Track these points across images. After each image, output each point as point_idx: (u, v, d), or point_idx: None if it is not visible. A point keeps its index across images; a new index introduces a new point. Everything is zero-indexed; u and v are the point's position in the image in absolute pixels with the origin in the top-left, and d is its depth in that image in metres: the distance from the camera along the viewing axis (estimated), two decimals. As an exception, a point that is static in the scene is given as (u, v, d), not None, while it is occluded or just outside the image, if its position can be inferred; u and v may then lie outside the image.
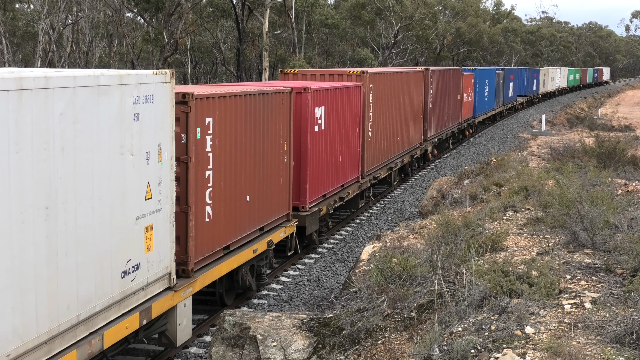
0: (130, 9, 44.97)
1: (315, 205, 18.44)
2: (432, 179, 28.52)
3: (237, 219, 13.83)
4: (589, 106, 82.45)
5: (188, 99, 11.64)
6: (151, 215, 10.37)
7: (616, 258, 9.72)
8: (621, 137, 28.81)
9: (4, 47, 41.12)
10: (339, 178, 20.49)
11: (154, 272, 10.57)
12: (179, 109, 11.50)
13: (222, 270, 13.15)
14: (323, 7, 60.12)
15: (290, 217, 16.72)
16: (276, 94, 15.52)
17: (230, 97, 13.30)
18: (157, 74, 10.34)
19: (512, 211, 14.15)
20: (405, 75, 28.37)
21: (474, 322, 7.82)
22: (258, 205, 14.76)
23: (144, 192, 10.19)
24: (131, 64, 51.64)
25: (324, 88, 18.70)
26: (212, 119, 12.55)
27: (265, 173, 15.08)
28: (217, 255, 13.16)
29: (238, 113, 13.63)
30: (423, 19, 64.48)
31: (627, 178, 17.80)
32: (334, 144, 19.79)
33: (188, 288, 11.67)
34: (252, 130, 14.32)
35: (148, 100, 10.12)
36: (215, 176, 12.75)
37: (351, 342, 8.93)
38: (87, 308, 9.02)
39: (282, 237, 16.11)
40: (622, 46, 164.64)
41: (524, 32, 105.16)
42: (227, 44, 58.41)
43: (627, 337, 7.06)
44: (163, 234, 10.77)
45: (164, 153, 10.64)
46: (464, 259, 10.02)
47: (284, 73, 22.80)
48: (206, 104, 12.36)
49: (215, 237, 12.94)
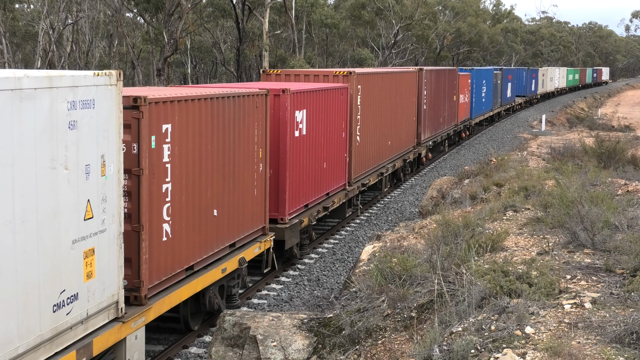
0: (130, 9, 44.98)
1: (295, 216, 17.23)
2: (429, 181, 28.53)
3: (202, 236, 12.54)
4: (589, 106, 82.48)
5: (140, 103, 10.42)
6: (92, 237, 9.11)
7: (616, 258, 9.73)
8: (621, 137, 28.83)
9: (4, 47, 41.12)
10: (323, 186, 19.25)
11: (96, 302, 9.29)
12: (130, 115, 10.33)
13: (183, 295, 11.91)
14: (323, 7, 60.12)
15: (266, 231, 15.46)
16: (249, 97, 14.25)
17: (193, 100, 11.97)
18: (99, 75, 9.13)
19: (512, 211, 14.16)
20: (397, 75, 27.24)
21: (474, 322, 7.82)
22: (228, 219, 13.52)
23: (83, 211, 8.91)
24: (131, 64, 51.67)
25: (306, 90, 17.51)
26: (171, 126, 11.28)
27: (236, 184, 13.85)
28: (177, 278, 11.90)
29: (203, 118, 12.34)
30: (423, 19, 64.51)
31: (627, 178, 17.81)
32: (317, 150, 18.57)
33: (140, 318, 10.41)
34: (221, 137, 13.03)
35: (88, 105, 8.89)
36: (174, 190, 11.49)
37: (351, 342, 8.93)
38: (6, 351, 7.72)
39: (257, 253, 14.94)
40: (622, 46, 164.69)
41: (524, 32, 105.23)
42: (227, 44, 58.42)
43: (627, 337, 7.07)
44: (108, 258, 9.50)
45: (109, 165, 9.41)
46: (464, 259, 10.02)
47: (266, 74, 21.64)
48: (163, 109, 11.08)
49: (175, 257, 11.68)
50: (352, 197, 22.07)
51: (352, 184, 21.59)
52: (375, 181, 24.43)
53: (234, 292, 14.10)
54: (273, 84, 18.99)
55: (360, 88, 21.77)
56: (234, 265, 13.72)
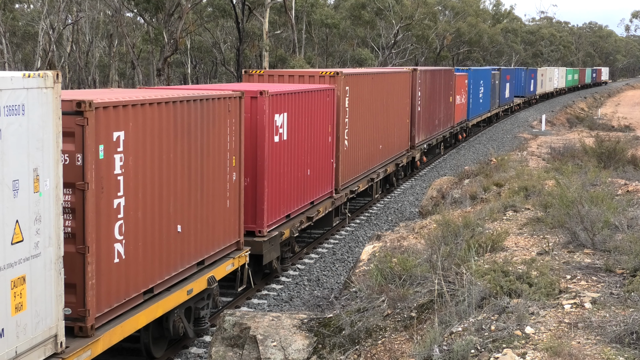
0: (130, 9, 45.01)
1: (275, 228, 15.91)
2: (428, 182, 28.56)
3: (163, 255, 11.26)
4: (589, 106, 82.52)
5: (84, 108, 9.19)
6: (23, 263, 7.92)
7: (616, 258, 9.74)
8: (621, 137, 28.85)
9: (4, 47, 41.14)
10: (307, 194, 17.90)
11: (27, 338, 8.06)
12: (73, 122, 9.13)
13: (140, 322, 10.63)
14: (323, 7, 60.18)
15: (241, 246, 14.17)
16: (220, 100, 12.99)
17: (151, 104, 10.70)
18: (30, 76, 7.94)
19: (512, 211, 14.17)
20: (389, 76, 25.88)
21: (474, 322, 7.82)
22: (195, 235, 12.26)
23: (10, 233, 7.73)
24: (131, 64, 51.68)
25: (287, 91, 16.28)
26: (124, 133, 10.06)
27: (204, 196, 12.57)
28: (134, 303, 10.61)
29: (164, 124, 11.07)
30: (423, 19, 64.58)
31: (627, 178, 17.83)
32: (300, 156, 17.27)
33: (84, 352, 9.16)
34: (186, 145, 11.79)
35: (15, 111, 7.70)
36: (129, 205, 10.23)
37: (351, 342, 8.93)
38: None
39: (230, 270, 13.66)
40: (622, 46, 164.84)
41: (524, 32, 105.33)
42: (227, 44, 58.43)
43: (627, 337, 7.07)
44: (44, 286, 8.29)
45: (44, 180, 8.21)
46: (464, 259, 10.03)
47: (248, 74, 20.38)
48: (114, 115, 9.87)
49: (130, 280, 10.44)
50: (340, 205, 20.87)
51: (340, 191, 20.42)
52: (365, 187, 23.23)
53: (202, 315, 12.79)
54: (252, 85, 17.87)
55: (348, 89, 20.66)
56: (202, 285, 12.46)
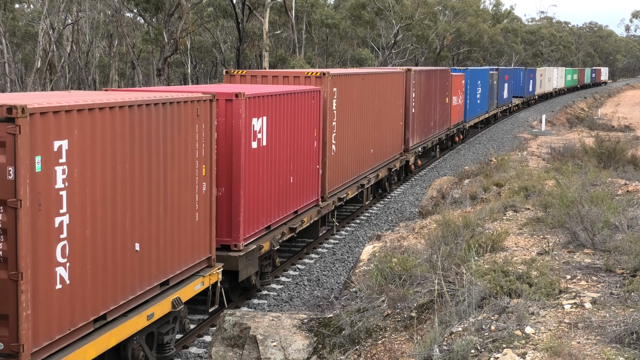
0: (130, 9, 45.03)
1: (253, 241, 14.72)
2: (428, 182, 28.57)
3: (117, 277, 10.11)
4: (589, 106, 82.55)
5: (16, 114, 8.05)
6: None
7: (616, 258, 9.74)
8: (621, 137, 28.85)
9: (4, 47, 41.15)
10: (290, 204, 16.70)
11: None
12: (3, 130, 8.10)
13: (89, 354, 9.46)
14: (323, 7, 60.22)
15: (212, 262, 12.95)
16: (187, 103, 11.74)
17: (102, 109, 9.53)
18: None
19: (512, 211, 14.17)
20: (381, 76, 24.60)
21: (474, 322, 7.83)
22: (156, 254, 11.06)
23: None
24: (131, 64, 51.68)
25: (266, 93, 15.12)
26: (68, 142, 8.91)
27: (168, 210, 11.39)
28: (81, 333, 9.46)
29: (118, 131, 9.90)
30: (423, 19, 64.60)
31: (627, 178, 17.83)
32: (282, 162, 16.07)
33: None
34: (146, 154, 10.63)
35: None
36: (74, 223, 9.08)
37: (351, 342, 8.94)
38: None
39: (200, 289, 12.49)
40: (622, 46, 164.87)
41: (524, 32, 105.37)
42: (227, 44, 58.45)
43: (627, 337, 7.07)
44: None
45: None
46: (464, 259, 10.03)
47: (230, 74, 19.28)
48: (54, 121, 8.67)
49: (76, 308, 9.30)
50: (327, 214, 19.67)
51: (327, 199, 19.19)
52: (355, 194, 22.03)
53: (166, 340, 11.57)
54: (229, 86, 16.72)
55: (336, 91, 19.46)
56: (166, 308, 11.25)
